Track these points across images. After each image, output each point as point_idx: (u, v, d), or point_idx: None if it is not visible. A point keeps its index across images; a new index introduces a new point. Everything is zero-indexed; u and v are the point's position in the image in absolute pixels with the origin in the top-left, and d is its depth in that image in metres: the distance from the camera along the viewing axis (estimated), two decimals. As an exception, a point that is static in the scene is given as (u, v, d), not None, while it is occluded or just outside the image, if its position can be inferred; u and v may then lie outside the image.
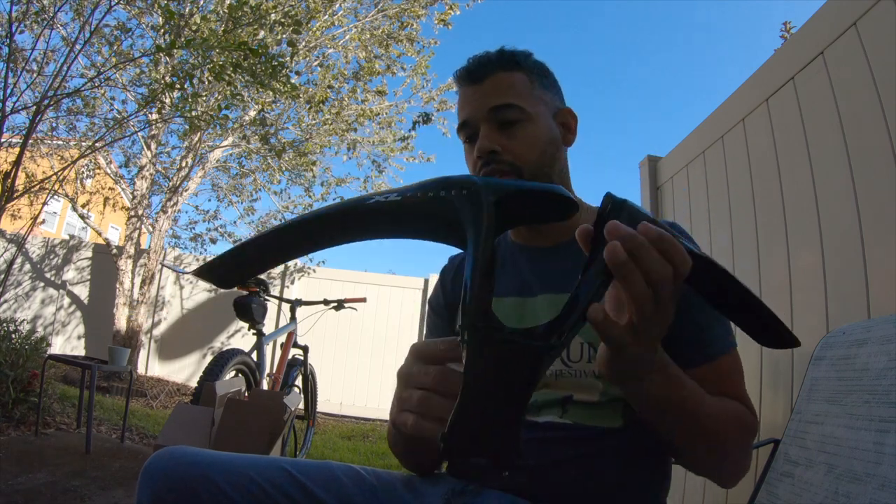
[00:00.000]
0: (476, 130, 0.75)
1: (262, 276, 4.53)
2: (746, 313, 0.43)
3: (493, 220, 0.40)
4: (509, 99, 0.73)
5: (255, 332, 2.65)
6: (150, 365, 6.26)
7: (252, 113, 6.00)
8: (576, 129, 0.82)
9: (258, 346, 2.65)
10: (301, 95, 5.13)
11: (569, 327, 0.37)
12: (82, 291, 6.56)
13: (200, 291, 6.60)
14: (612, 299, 0.41)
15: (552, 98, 0.80)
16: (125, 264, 5.84)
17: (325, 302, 3.12)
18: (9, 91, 3.13)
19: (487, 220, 0.39)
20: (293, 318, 3.03)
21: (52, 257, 6.62)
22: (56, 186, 5.24)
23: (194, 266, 6.72)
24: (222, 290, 6.53)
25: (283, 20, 4.80)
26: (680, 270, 0.39)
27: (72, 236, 6.96)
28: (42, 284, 6.50)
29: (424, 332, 0.91)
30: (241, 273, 0.44)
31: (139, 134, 5.98)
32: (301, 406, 3.06)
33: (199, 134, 5.77)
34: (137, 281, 6.03)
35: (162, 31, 4.42)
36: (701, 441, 0.59)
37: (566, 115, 0.81)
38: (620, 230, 0.37)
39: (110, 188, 7.10)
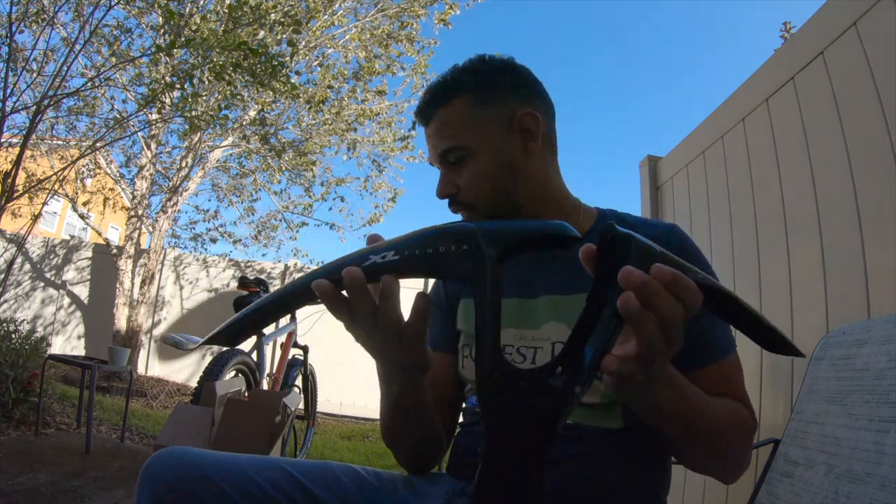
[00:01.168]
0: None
1: (262, 276, 4.54)
2: (750, 327, 0.43)
3: (498, 274, 0.39)
4: (449, 142, 0.73)
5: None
6: (150, 365, 6.26)
7: (252, 113, 6.00)
8: (540, 128, 0.74)
9: (258, 346, 2.65)
10: (301, 95, 5.13)
11: (583, 381, 0.37)
12: (82, 291, 6.56)
13: (200, 291, 6.60)
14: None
15: (501, 110, 0.73)
16: (125, 264, 5.84)
17: (326, 302, 3.12)
18: (9, 91, 3.13)
19: (492, 275, 0.39)
20: (293, 318, 3.03)
21: (52, 257, 6.63)
22: (56, 186, 5.24)
23: (194, 265, 6.72)
24: (222, 290, 6.54)
25: (283, 20, 4.80)
26: (691, 308, 0.39)
27: (72, 236, 6.97)
28: (42, 284, 6.50)
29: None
30: (250, 334, 0.44)
31: (139, 134, 5.99)
32: (301, 406, 3.06)
33: (199, 134, 5.77)
34: (137, 281, 6.03)
35: (162, 31, 4.41)
36: (704, 444, 0.59)
37: (524, 120, 0.73)
38: (634, 278, 0.37)
39: (110, 188, 7.10)
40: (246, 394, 2.24)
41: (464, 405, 0.83)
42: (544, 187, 0.76)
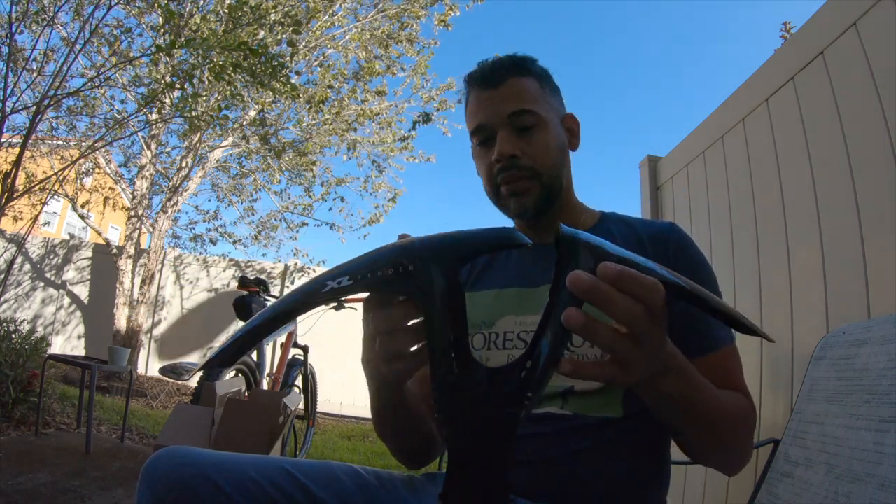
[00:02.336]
0: (492, 134, 0.77)
1: (262, 277, 4.54)
2: (717, 316, 0.43)
3: (447, 290, 0.40)
4: (526, 104, 0.75)
5: (255, 332, 2.64)
6: (150, 365, 6.26)
7: (252, 113, 6.00)
8: (579, 134, 0.84)
9: (258, 347, 2.65)
10: (301, 95, 5.13)
11: (536, 384, 0.38)
12: (82, 291, 6.56)
13: (200, 291, 6.60)
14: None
15: (558, 103, 0.82)
16: (125, 264, 5.84)
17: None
18: (9, 91, 3.13)
19: (441, 294, 0.40)
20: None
21: (52, 257, 6.63)
22: (56, 186, 5.24)
23: (195, 265, 6.72)
24: (222, 290, 6.54)
25: (283, 20, 4.81)
26: (651, 305, 0.37)
27: (72, 236, 6.97)
28: (42, 284, 6.50)
29: None
30: (235, 359, 0.44)
31: (139, 134, 5.99)
32: (301, 406, 3.06)
33: (199, 134, 5.77)
34: (137, 281, 6.03)
35: (162, 31, 4.42)
36: (710, 433, 0.59)
37: (570, 121, 0.83)
38: (580, 284, 0.36)
39: (110, 188, 7.10)
40: (246, 394, 2.24)
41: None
42: (570, 183, 0.83)
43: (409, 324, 0.43)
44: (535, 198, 0.76)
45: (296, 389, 2.91)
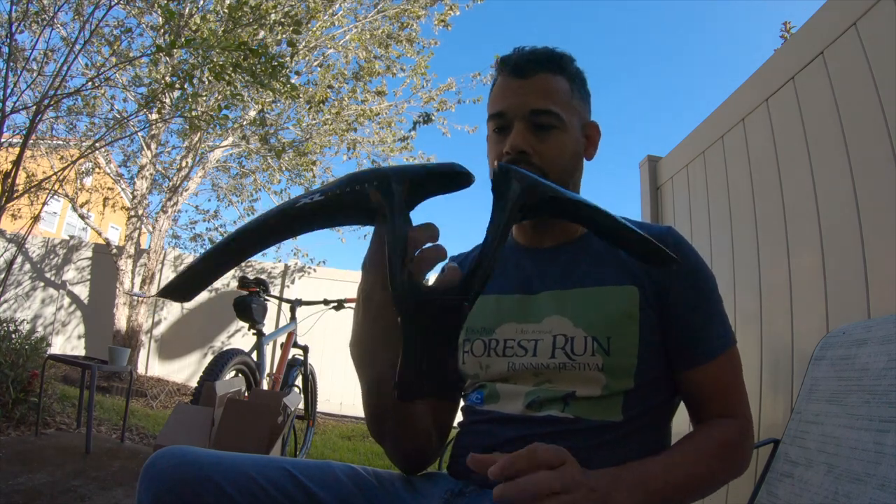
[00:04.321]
0: (509, 124, 0.75)
1: (262, 277, 4.54)
2: (623, 242, 0.53)
3: (403, 204, 0.48)
4: (550, 105, 0.74)
5: (255, 332, 2.65)
6: (150, 365, 6.26)
7: (252, 113, 6.00)
8: (597, 143, 0.83)
9: (258, 346, 2.65)
10: (301, 95, 5.13)
11: (480, 280, 0.46)
12: (82, 291, 6.56)
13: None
14: None
15: (584, 109, 0.81)
16: (125, 264, 5.84)
17: (325, 302, 3.12)
18: (9, 91, 3.13)
19: (398, 204, 0.47)
20: (293, 318, 3.02)
21: (52, 257, 6.62)
22: (56, 186, 5.24)
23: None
24: (222, 290, 6.53)
25: (283, 20, 4.81)
26: (535, 467, 0.49)
27: (72, 236, 6.96)
28: (42, 284, 6.49)
29: None
30: (200, 286, 0.49)
31: (139, 134, 5.98)
32: (301, 406, 3.06)
33: (199, 134, 5.77)
34: (137, 281, 6.03)
35: (162, 31, 4.42)
36: (695, 495, 0.63)
37: (592, 129, 0.82)
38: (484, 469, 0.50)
39: (110, 188, 7.10)
40: (246, 394, 2.24)
41: (462, 404, 0.83)
42: (577, 190, 0.82)
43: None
44: None
45: (296, 389, 2.90)
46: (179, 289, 0.47)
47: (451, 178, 0.49)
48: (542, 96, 0.74)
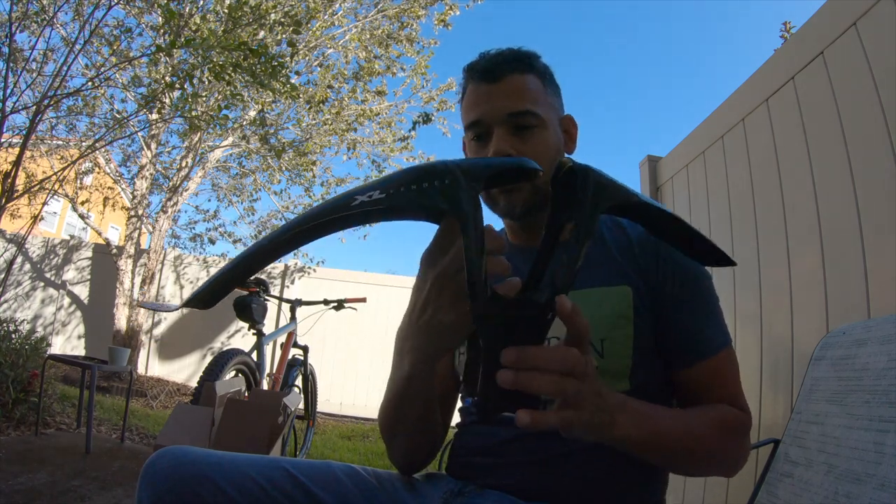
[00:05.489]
0: (487, 130, 0.74)
1: (262, 277, 4.54)
2: (689, 245, 0.52)
3: (478, 205, 0.43)
4: (526, 105, 0.73)
5: (255, 332, 2.65)
6: (150, 365, 6.26)
7: (252, 113, 6.00)
8: (576, 137, 0.82)
9: (258, 346, 2.65)
10: (301, 95, 5.12)
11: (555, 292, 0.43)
12: (82, 291, 6.56)
13: (200, 291, 6.59)
14: None
15: (558, 104, 0.80)
16: (125, 264, 5.83)
17: (325, 302, 3.12)
18: (9, 91, 3.13)
19: (473, 206, 0.43)
20: (293, 318, 3.03)
21: (52, 257, 6.62)
22: (56, 186, 5.24)
23: (195, 265, 6.72)
24: (222, 290, 6.53)
25: (283, 20, 4.80)
26: (566, 370, 0.44)
27: (72, 236, 6.96)
28: (42, 284, 6.49)
29: None
30: (233, 287, 0.45)
31: (139, 134, 5.98)
32: (301, 406, 3.06)
33: (199, 134, 5.77)
34: (137, 281, 6.03)
35: (162, 31, 4.42)
36: (686, 459, 0.61)
37: (569, 123, 0.81)
38: (506, 381, 0.42)
39: (110, 188, 7.10)
40: (246, 394, 2.24)
41: (460, 406, 0.83)
42: None
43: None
44: (525, 197, 0.73)
45: (296, 389, 2.90)
46: (205, 298, 0.43)
47: (519, 174, 0.48)
48: (517, 97, 0.73)
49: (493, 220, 0.81)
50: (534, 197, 0.74)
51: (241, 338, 6.15)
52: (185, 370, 6.26)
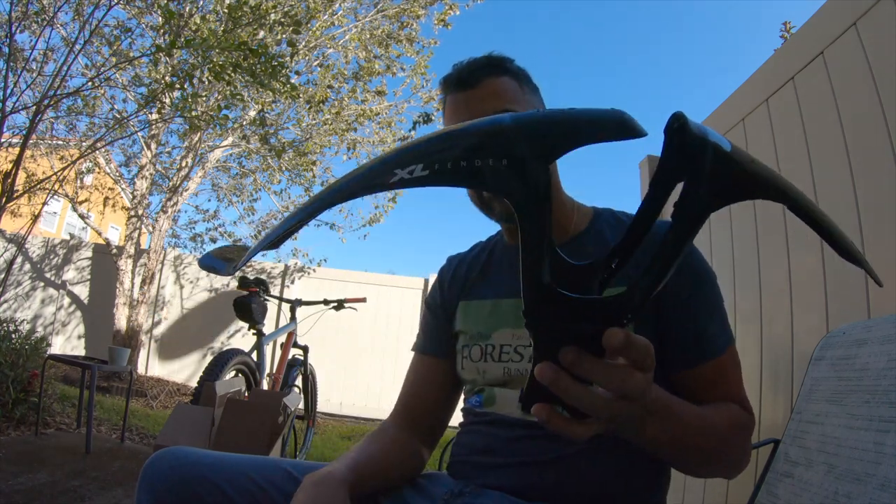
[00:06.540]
0: None
1: (262, 277, 4.54)
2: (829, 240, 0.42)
3: (544, 195, 0.33)
4: (505, 105, 0.73)
5: (255, 332, 2.65)
6: (150, 365, 6.26)
7: (252, 113, 6.00)
8: None
9: (258, 346, 2.65)
10: (301, 95, 5.12)
11: (637, 309, 0.37)
12: (82, 291, 6.56)
13: (201, 291, 6.60)
14: None
15: (538, 102, 0.80)
16: (125, 264, 5.83)
17: (325, 302, 3.12)
18: (9, 91, 3.13)
19: (537, 189, 0.33)
20: (293, 318, 3.03)
21: (52, 257, 6.62)
22: (56, 186, 5.24)
23: (195, 265, 6.72)
24: (222, 290, 6.53)
25: (283, 20, 4.80)
26: (644, 368, 0.40)
27: (72, 236, 6.96)
28: (42, 284, 6.49)
29: (418, 330, 0.91)
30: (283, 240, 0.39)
31: (139, 134, 5.98)
32: (301, 406, 3.06)
33: (199, 134, 5.77)
34: (137, 281, 6.03)
35: (162, 31, 4.41)
36: (699, 456, 0.60)
37: None
38: (563, 366, 0.38)
39: (110, 188, 7.10)
40: (246, 394, 2.24)
41: (462, 406, 0.83)
42: (557, 182, 0.82)
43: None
44: None
45: (296, 389, 2.91)
46: (273, 240, 0.37)
47: (615, 131, 0.35)
48: (495, 99, 0.73)
49: (491, 226, 0.82)
50: None
51: (241, 338, 6.15)
52: (185, 370, 6.26)
